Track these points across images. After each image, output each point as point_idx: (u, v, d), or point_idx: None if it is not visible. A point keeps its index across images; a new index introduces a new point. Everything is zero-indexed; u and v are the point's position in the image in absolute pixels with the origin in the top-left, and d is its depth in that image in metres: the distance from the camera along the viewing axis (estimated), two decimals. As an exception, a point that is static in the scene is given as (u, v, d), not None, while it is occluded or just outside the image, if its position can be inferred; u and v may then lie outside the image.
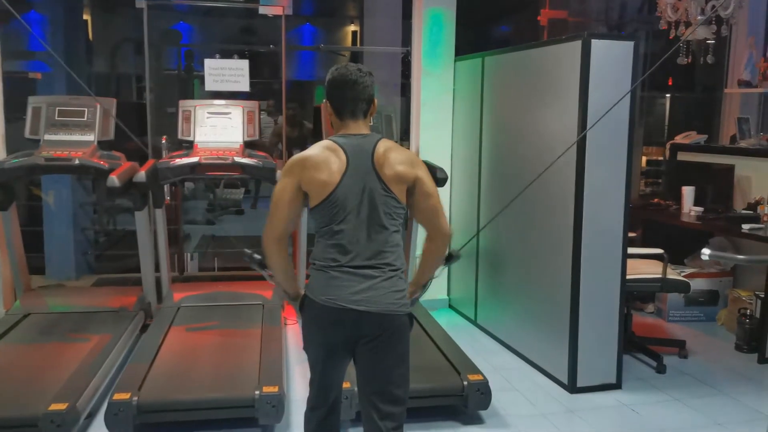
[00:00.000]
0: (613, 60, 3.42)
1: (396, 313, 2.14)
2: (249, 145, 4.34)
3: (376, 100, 2.24)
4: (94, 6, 6.82)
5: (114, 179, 3.59)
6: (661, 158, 6.32)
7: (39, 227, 5.59)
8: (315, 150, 2.16)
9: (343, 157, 2.12)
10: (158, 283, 4.44)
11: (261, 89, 7.20)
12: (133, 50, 7.26)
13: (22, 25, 5.41)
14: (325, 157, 2.12)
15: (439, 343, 3.77)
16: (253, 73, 4.78)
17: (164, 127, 5.32)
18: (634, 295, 4.05)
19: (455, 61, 4.89)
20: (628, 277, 3.63)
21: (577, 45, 3.42)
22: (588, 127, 3.38)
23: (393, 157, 2.14)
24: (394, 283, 2.16)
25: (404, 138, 5.33)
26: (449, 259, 2.45)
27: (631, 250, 3.67)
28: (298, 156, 2.17)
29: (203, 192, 8.25)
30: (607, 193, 3.50)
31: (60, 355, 3.48)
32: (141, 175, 3.70)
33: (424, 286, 2.38)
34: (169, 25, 8.51)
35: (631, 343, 4.05)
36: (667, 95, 6.80)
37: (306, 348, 2.26)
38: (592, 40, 3.38)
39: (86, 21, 6.85)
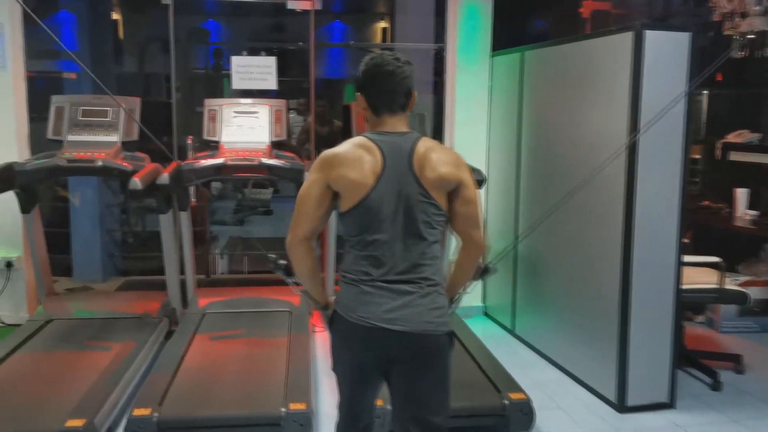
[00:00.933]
0: (667, 53, 3.16)
1: (434, 333, 1.93)
2: (277, 146, 4.17)
3: (415, 93, 2.03)
4: (123, 5, 6.75)
5: (136, 182, 3.44)
6: (698, 156, 5.99)
7: (66, 229, 5.52)
8: (346, 146, 1.96)
9: (379, 156, 1.91)
10: (184, 287, 4.30)
11: (291, 87, 7.05)
12: (162, 49, 7.17)
13: (53, 25, 5.39)
14: (358, 155, 1.92)
15: (476, 356, 3.56)
16: (283, 71, 4.62)
17: (193, 126, 5.18)
18: (686, 305, 3.78)
19: (492, 56, 4.66)
20: (682, 286, 3.36)
21: (627, 37, 3.17)
22: (640, 131, 3.12)
23: (435, 158, 1.93)
24: (432, 300, 1.95)
25: (437, 138, 5.11)
26: (484, 272, 2.24)
27: (685, 258, 3.40)
28: (327, 152, 1.97)
29: (232, 192, 8.13)
30: (660, 197, 3.25)
31: (79, 364, 3.35)
32: (164, 177, 3.55)
33: (453, 302, 2.16)
34: (197, 24, 8.41)
35: (683, 357, 3.77)
36: (705, 91, 6.42)
37: (334, 368, 2.06)
38: (645, 31, 3.12)
39: (116, 20, 6.79)
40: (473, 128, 4.71)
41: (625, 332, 3.30)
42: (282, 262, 2.14)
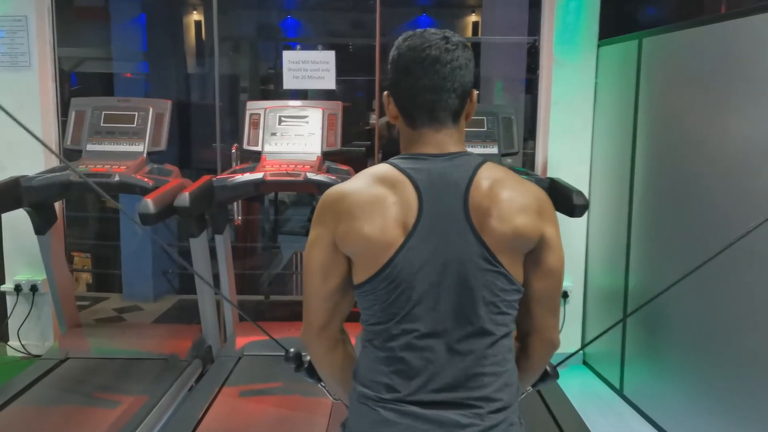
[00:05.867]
0: None
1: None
2: (329, 156, 3.49)
3: (475, 93, 1.26)
4: (203, 6, 6.41)
5: (148, 204, 2.82)
6: None
7: (117, 242, 5.11)
8: (359, 182, 1.22)
9: (412, 196, 1.16)
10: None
11: (371, 86, 6.48)
12: (233, 49, 6.75)
13: (133, 25, 5.30)
14: (376, 196, 1.18)
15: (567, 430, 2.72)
16: (367, 69, 4.02)
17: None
18: None
19: (599, 46, 3.76)
20: None
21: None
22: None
23: (507, 200, 1.17)
24: (499, 436, 1.17)
25: (527, 148, 4.27)
26: (544, 377, 1.46)
27: None
28: (332, 191, 1.24)
29: (307, 198, 7.60)
30: None
31: (79, 425, 2.77)
32: (184, 198, 2.91)
33: None
34: (275, 21, 7.98)
35: None
36: None
37: None
38: (832, 2, 2.19)
39: (186, 20, 6.44)
40: (573, 137, 3.82)
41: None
42: (305, 356, 1.50)
